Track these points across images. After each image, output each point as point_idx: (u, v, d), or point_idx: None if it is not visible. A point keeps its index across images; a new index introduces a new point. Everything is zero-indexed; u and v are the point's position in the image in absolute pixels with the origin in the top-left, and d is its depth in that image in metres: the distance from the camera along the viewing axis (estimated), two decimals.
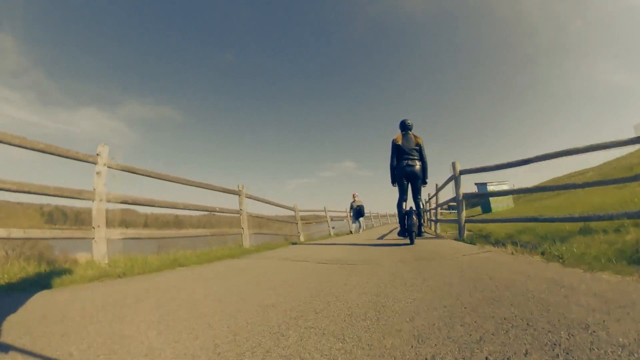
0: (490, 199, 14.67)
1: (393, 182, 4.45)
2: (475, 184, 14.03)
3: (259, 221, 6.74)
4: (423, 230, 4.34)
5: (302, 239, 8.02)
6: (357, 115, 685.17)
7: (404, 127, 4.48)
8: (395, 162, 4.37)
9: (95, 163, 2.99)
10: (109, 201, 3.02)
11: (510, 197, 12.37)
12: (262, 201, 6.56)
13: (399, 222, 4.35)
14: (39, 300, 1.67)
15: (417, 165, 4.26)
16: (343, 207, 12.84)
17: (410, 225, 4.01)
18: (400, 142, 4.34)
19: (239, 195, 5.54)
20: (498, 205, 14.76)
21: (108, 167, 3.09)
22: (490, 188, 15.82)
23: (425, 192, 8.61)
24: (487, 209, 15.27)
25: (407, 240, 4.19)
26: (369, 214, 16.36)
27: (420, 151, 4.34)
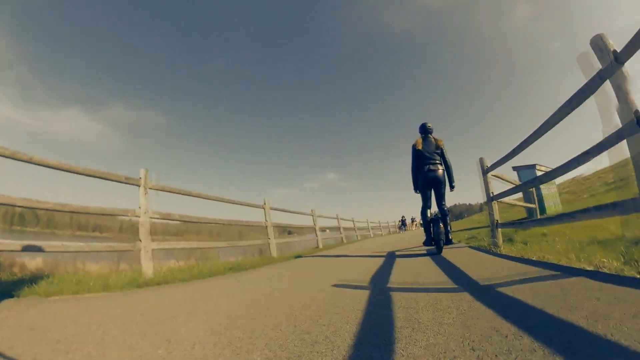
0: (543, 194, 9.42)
1: (416, 189, 4.31)
2: (514, 168, 9.33)
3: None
4: (451, 237, 4.10)
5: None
6: (341, 127, 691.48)
7: (424, 130, 4.30)
8: (416, 168, 4.20)
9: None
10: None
11: (556, 193, 8.68)
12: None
13: (425, 231, 4.18)
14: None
15: (440, 170, 4.09)
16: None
17: (437, 234, 3.84)
18: (420, 147, 4.16)
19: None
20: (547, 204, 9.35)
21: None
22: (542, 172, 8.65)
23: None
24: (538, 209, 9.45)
25: (433, 248, 4.00)
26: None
27: (442, 154, 4.16)
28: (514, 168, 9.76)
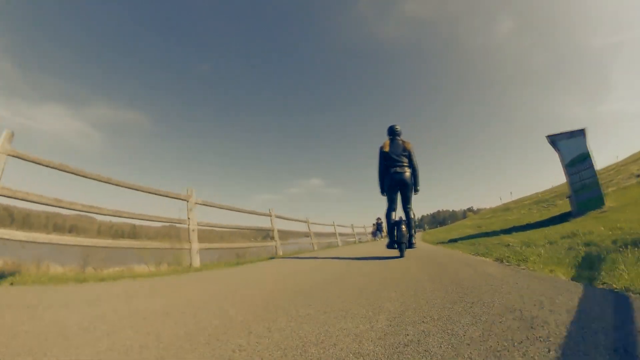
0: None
1: (382, 191, 4.27)
2: (550, 138, 6.69)
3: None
4: (413, 241, 4.05)
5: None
6: (326, 132, 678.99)
7: (392, 132, 4.28)
8: (383, 171, 4.16)
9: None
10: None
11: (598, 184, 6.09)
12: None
13: (388, 234, 4.11)
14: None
15: (407, 173, 4.04)
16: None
17: (399, 237, 3.84)
18: (387, 149, 4.12)
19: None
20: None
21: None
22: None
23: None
24: (592, 200, 6.18)
25: (397, 253, 3.96)
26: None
27: (409, 157, 4.11)
28: (550, 138, 6.83)
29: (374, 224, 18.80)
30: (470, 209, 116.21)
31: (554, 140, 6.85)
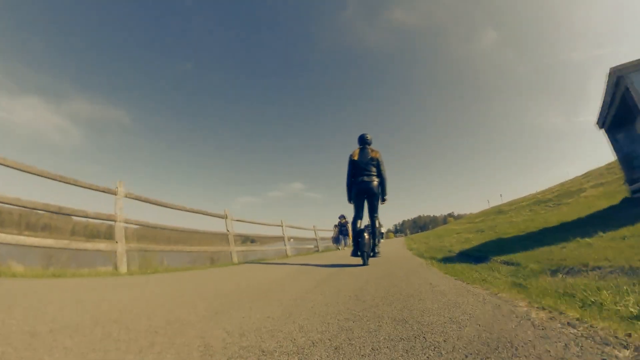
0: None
1: (349, 199, 4.30)
2: (614, 70, 4.75)
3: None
4: (377, 250, 4.24)
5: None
6: (309, 136, 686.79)
7: (363, 141, 4.32)
8: (351, 179, 4.21)
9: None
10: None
11: None
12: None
13: (353, 242, 4.15)
14: None
15: (375, 181, 4.08)
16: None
17: (361, 245, 3.82)
18: (356, 157, 4.18)
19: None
20: None
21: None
22: None
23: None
24: None
25: (360, 261, 3.97)
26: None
27: (378, 166, 4.13)
28: (616, 70, 4.70)
29: (335, 226, 13.11)
30: (450, 215, 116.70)
31: (622, 74, 4.44)
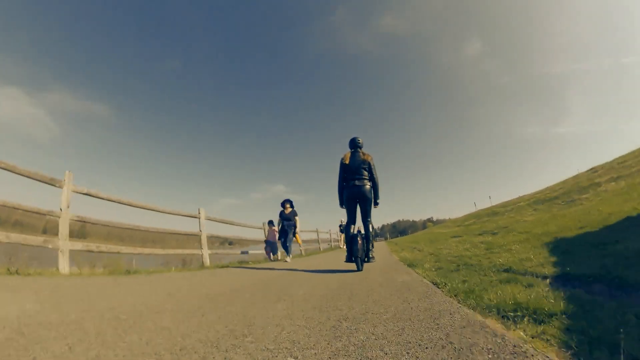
0: None
1: (341, 204, 4.22)
2: None
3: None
4: (371, 255, 4.06)
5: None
6: (294, 139, 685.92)
7: (354, 144, 4.26)
8: (342, 183, 4.14)
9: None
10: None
11: None
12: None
13: (346, 247, 4.04)
14: None
15: (367, 185, 4.01)
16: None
17: (355, 251, 3.82)
18: (348, 161, 4.10)
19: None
20: None
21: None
22: None
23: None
24: None
25: (354, 266, 3.95)
26: None
27: (369, 170, 4.05)
28: None
29: (270, 224, 8.38)
30: (430, 220, 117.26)
31: None
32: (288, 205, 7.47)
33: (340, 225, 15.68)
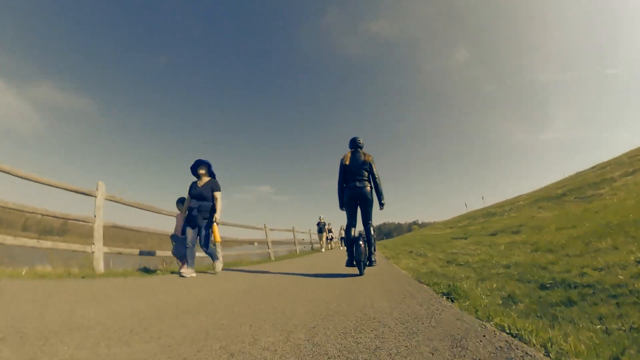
0: None
1: (341, 206, 4.02)
2: None
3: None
4: (373, 259, 3.80)
5: None
6: (280, 140, 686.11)
7: (354, 145, 4.10)
8: (342, 184, 3.97)
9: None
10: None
11: None
12: None
13: (347, 251, 3.79)
14: None
15: (368, 187, 3.83)
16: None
17: (357, 255, 3.58)
18: (348, 162, 3.92)
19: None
20: None
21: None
22: None
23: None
24: None
25: (356, 271, 3.78)
26: None
27: (370, 171, 3.87)
28: None
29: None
30: (415, 223, 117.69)
31: None
32: (203, 172, 4.19)
33: (318, 223, 14.10)
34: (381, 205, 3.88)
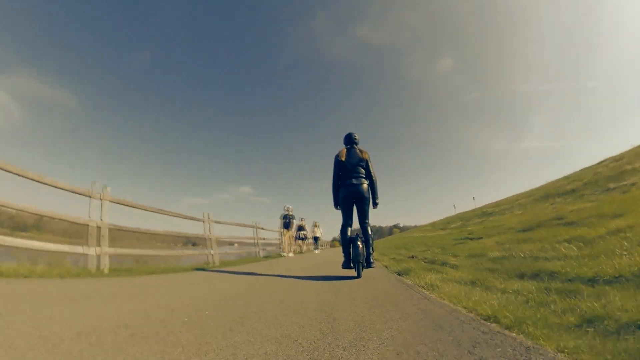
0: None
1: (336, 204, 3.87)
2: None
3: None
4: (372, 260, 3.59)
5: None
6: (260, 141, 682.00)
7: (350, 141, 3.94)
8: (337, 182, 3.83)
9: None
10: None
11: None
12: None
13: (343, 252, 3.65)
14: None
15: (364, 185, 3.70)
16: None
17: (356, 255, 3.39)
18: (343, 159, 3.78)
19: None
20: None
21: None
22: None
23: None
24: None
25: (353, 273, 3.54)
26: None
27: (367, 168, 3.76)
28: None
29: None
30: (396, 226, 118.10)
31: None
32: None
33: (285, 216, 10.25)
34: (375, 204, 3.80)
